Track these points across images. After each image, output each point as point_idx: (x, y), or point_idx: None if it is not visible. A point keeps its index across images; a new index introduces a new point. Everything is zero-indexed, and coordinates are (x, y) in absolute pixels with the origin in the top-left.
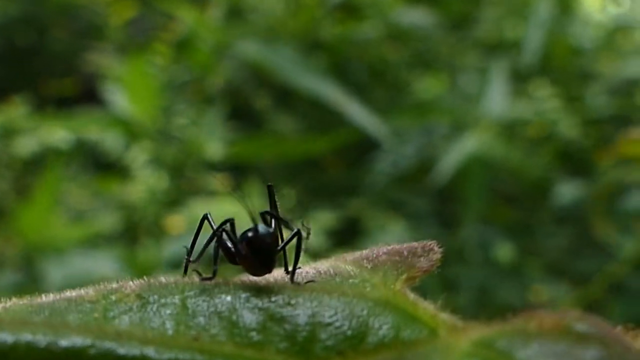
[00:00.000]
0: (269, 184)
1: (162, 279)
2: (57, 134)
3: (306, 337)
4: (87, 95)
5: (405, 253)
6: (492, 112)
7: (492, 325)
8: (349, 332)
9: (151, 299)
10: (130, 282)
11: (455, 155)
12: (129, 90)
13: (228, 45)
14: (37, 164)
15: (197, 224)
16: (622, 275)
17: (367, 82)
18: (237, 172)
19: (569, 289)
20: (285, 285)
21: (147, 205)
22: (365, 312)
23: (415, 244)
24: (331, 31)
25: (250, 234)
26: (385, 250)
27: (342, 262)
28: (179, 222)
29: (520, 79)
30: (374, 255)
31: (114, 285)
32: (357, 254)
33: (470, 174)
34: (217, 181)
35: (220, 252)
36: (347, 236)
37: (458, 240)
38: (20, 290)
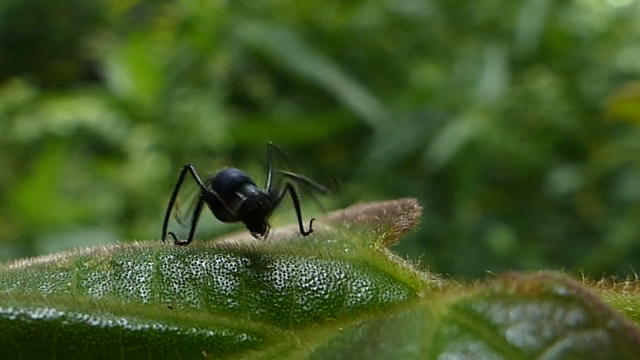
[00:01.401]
0: (269, 143)
1: (137, 244)
2: (58, 116)
3: (283, 303)
4: (89, 81)
5: (385, 212)
6: (486, 97)
7: (472, 288)
8: (327, 296)
9: (125, 266)
10: (104, 248)
11: (447, 138)
12: (129, 69)
13: (229, 27)
14: (38, 146)
15: (178, 178)
16: (615, 262)
17: (367, 70)
18: (237, 156)
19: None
20: (262, 248)
21: (146, 188)
22: (343, 275)
23: (395, 202)
24: (332, 19)
25: (241, 196)
26: (364, 209)
27: (322, 222)
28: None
29: (518, 67)
30: (354, 215)
31: (88, 250)
32: (337, 213)
33: (464, 156)
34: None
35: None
36: None
37: (455, 225)
38: None
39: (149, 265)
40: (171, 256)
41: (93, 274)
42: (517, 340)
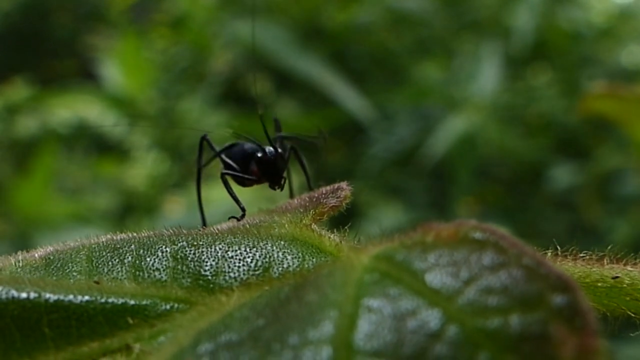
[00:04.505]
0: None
1: (71, 243)
2: (58, 114)
3: (210, 272)
4: (89, 78)
5: (317, 195)
6: (481, 92)
7: (392, 239)
8: (252, 264)
9: (56, 259)
10: (40, 249)
11: (442, 134)
12: (121, 66)
13: (219, 25)
14: (37, 144)
15: (197, 148)
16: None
17: (367, 66)
18: None
19: None
20: (192, 231)
21: (146, 185)
22: (269, 246)
23: (328, 187)
24: (332, 16)
25: (259, 155)
26: (299, 197)
27: (259, 214)
28: (177, 205)
29: (518, 63)
30: (287, 204)
31: (21, 255)
32: (277, 206)
33: (460, 151)
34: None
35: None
36: (343, 218)
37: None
38: None
39: (80, 255)
40: (102, 245)
41: (25, 269)
42: (436, 283)
